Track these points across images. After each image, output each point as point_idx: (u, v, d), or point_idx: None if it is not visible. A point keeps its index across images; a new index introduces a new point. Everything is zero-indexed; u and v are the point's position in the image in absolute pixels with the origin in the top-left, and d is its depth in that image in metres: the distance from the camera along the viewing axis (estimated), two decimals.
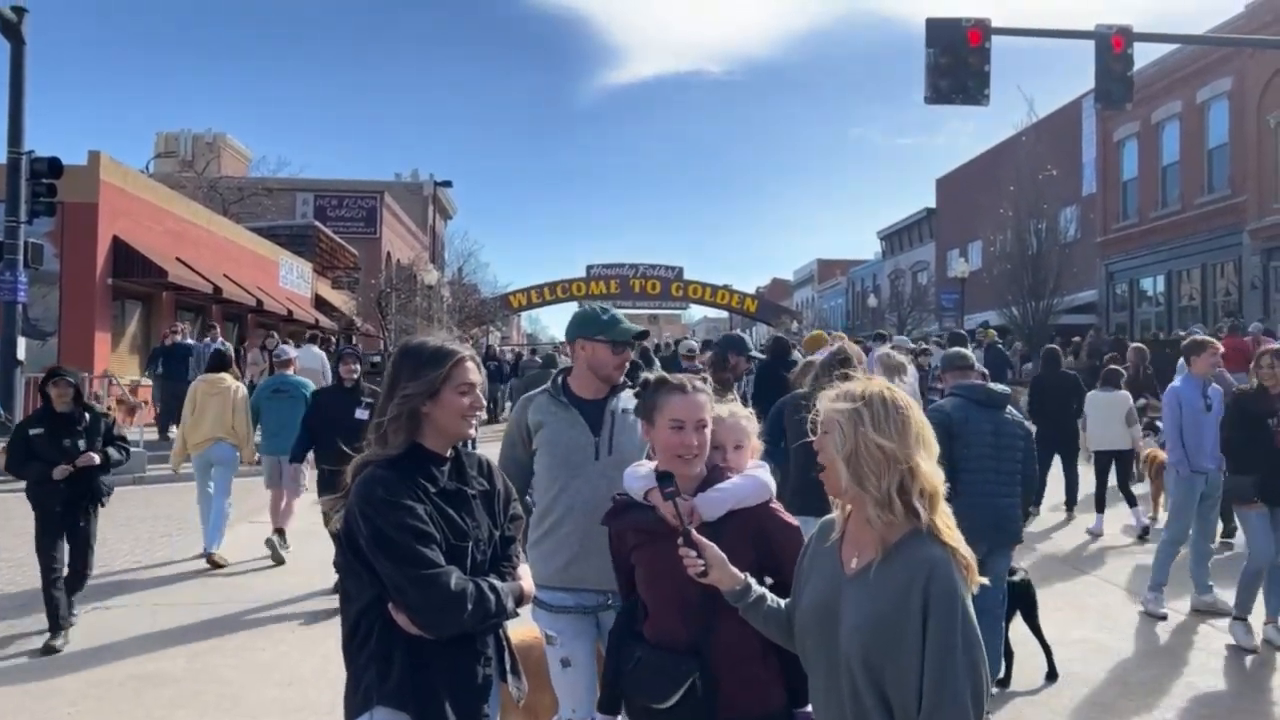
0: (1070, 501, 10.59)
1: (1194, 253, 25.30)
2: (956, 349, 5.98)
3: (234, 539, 9.78)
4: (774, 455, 4.18)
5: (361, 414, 7.39)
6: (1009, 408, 5.26)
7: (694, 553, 2.41)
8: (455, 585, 2.42)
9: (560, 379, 3.67)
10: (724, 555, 2.42)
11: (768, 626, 2.42)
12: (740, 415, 3.00)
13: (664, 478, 2.60)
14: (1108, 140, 29.18)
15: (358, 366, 8.20)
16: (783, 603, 2.44)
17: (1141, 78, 18.54)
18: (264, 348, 17.67)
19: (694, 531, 2.45)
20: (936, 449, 2.19)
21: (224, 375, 9.06)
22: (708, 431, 2.76)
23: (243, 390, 9.16)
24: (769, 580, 2.60)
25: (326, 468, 7.57)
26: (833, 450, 2.15)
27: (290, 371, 9.72)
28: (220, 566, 8.53)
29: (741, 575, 2.42)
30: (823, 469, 2.22)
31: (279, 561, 8.61)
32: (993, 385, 5.37)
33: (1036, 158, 26.79)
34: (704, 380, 2.89)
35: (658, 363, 13.38)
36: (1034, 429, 6.20)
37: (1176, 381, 7.11)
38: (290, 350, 11.52)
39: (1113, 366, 10.95)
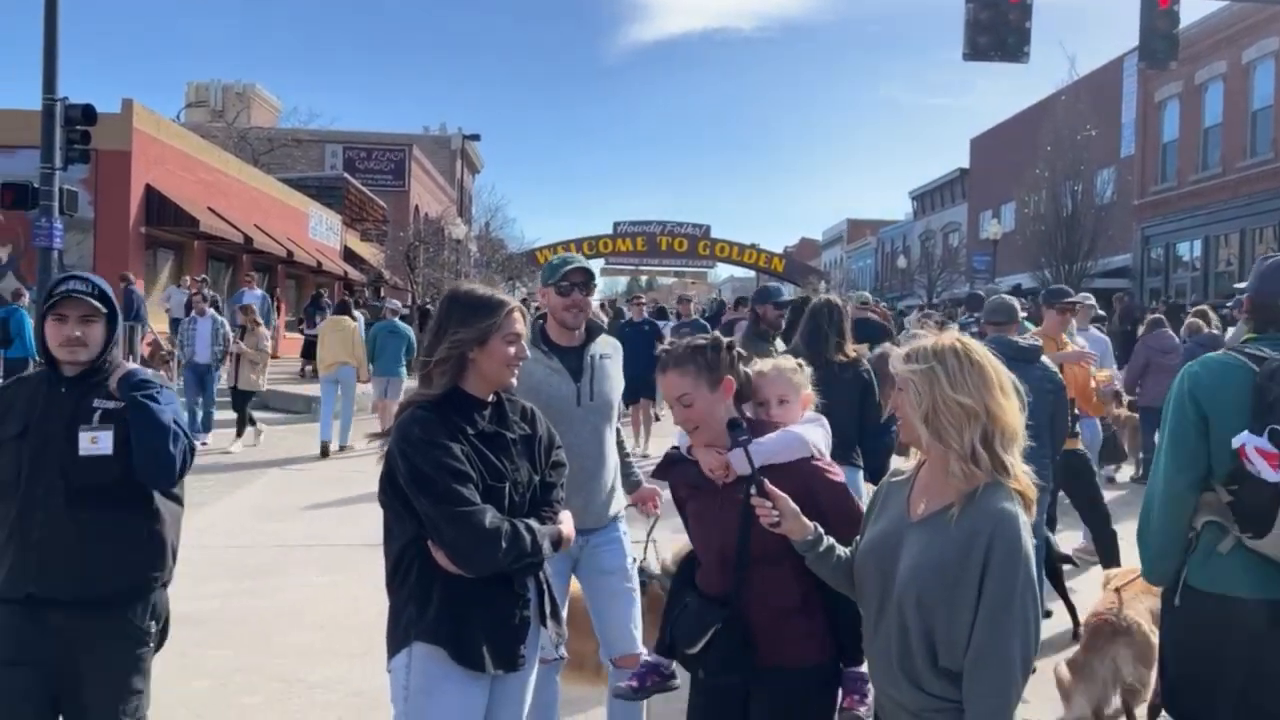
0: None
1: (1233, 217, 24.80)
2: (1001, 299, 5.83)
3: (267, 485, 9.99)
4: None
5: (96, 445, 2.83)
6: (1043, 359, 5.21)
7: (768, 503, 2.40)
8: (490, 523, 2.47)
9: (540, 325, 3.68)
10: (796, 507, 2.41)
11: (835, 577, 2.44)
12: (785, 368, 2.86)
13: (734, 425, 2.56)
14: (1149, 101, 28.53)
15: (82, 333, 2.89)
16: (848, 553, 2.46)
17: (1186, 37, 18.07)
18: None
19: (767, 482, 2.43)
20: (1015, 396, 2.23)
21: (345, 318, 12.77)
22: (699, 406, 2.64)
23: (359, 328, 12.75)
24: None
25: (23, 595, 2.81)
26: (909, 409, 2.20)
27: (398, 319, 13.16)
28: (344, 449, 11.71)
29: (811, 525, 2.42)
30: (894, 422, 2.32)
31: None
32: (1021, 339, 5.31)
33: (1075, 118, 26.27)
34: (698, 344, 2.74)
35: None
36: None
37: None
38: (395, 303, 15.24)
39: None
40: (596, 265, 48.50)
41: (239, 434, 12.24)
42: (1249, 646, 2.74)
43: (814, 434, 2.70)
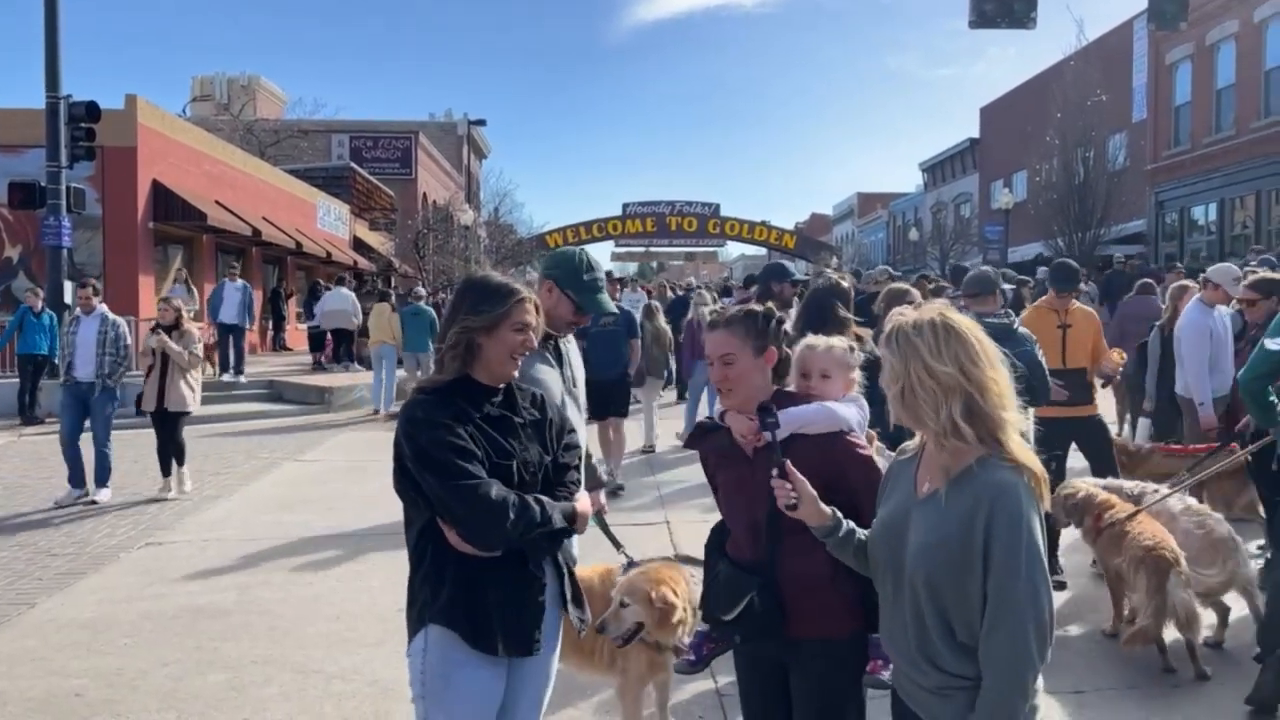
0: None
1: (1248, 179, 24.50)
2: (979, 271, 5.83)
3: (282, 477, 10.03)
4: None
5: None
6: (1020, 331, 5.22)
7: (788, 485, 2.39)
8: (496, 495, 2.47)
9: None
10: (815, 493, 2.40)
11: (857, 561, 2.41)
12: (836, 346, 2.96)
13: (764, 410, 2.57)
14: (1159, 63, 28.16)
15: None
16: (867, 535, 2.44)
17: None
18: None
19: (789, 465, 2.43)
20: (1003, 366, 2.16)
21: (385, 305, 15.65)
22: (740, 366, 2.71)
23: (395, 313, 15.17)
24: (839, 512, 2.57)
25: None
26: (888, 388, 2.17)
27: (422, 303, 15.44)
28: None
29: (829, 511, 2.41)
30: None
31: None
32: (985, 313, 5.30)
33: (1085, 83, 25.97)
34: (735, 310, 2.84)
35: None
36: None
37: None
38: (421, 290, 17.25)
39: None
40: (606, 249, 48.35)
41: (166, 471, 8.99)
42: None
43: (847, 411, 2.74)
